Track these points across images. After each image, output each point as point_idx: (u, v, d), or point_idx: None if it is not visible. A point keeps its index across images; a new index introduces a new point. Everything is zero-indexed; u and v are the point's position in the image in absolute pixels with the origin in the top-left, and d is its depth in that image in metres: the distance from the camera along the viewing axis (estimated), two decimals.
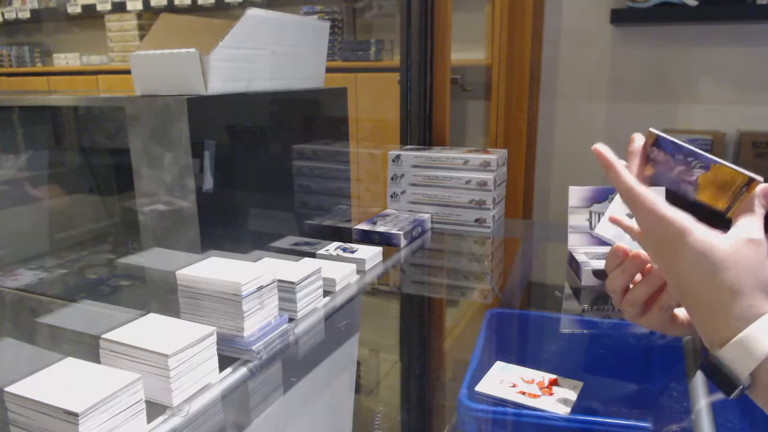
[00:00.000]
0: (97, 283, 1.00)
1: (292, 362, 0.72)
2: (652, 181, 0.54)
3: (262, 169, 1.00)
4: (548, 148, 2.38)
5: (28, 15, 3.83)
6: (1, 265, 1.05)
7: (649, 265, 0.57)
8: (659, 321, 0.58)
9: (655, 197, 0.50)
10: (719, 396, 0.64)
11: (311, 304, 0.80)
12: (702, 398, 0.61)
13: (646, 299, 0.57)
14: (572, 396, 0.64)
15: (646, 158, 0.54)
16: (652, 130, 0.53)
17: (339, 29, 2.93)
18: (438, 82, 1.54)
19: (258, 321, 0.68)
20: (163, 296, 0.84)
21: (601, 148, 0.53)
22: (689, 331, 0.61)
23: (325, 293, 0.85)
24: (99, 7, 3.54)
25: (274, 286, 0.70)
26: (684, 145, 0.53)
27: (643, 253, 0.56)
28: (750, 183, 0.50)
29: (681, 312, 0.60)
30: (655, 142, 0.53)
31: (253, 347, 0.67)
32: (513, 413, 0.62)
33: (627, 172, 0.52)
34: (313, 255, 0.98)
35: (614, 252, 0.58)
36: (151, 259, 0.89)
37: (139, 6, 3.43)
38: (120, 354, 0.60)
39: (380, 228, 1.14)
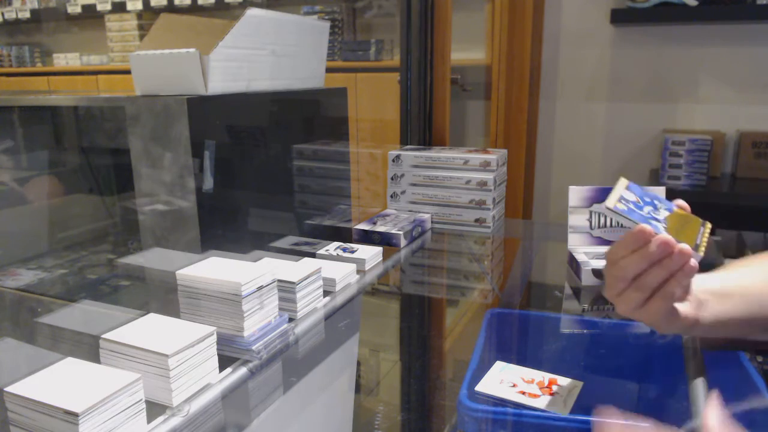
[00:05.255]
0: (97, 283, 1.00)
1: (292, 362, 0.72)
2: (622, 213, 0.60)
3: (262, 169, 1.00)
4: (548, 148, 2.38)
5: (28, 15, 3.83)
6: (1, 265, 1.05)
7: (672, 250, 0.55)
8: (658, 314, 0.57)
9: None
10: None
11: (311, 304, 0.80)
12: (702, 398, 0.61)
13: (656, 286, 0.55)
14: (572, 396, 0.64)
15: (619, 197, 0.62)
16: (623, 179, 0.66)
17: (339, 29, 2.93)
18: (438, 82, 1.54)
19: (258, 321, 0.68)
20: (163, 296, 0.84)
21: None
22: (685, 328, 0.60)
23: (325, 293, 0.85)
24: (99, 7, 3.54)
25: (274, 286, 0.70)
26: (649, 191, 0.66)
27: (671, 239, 0.55)
28: (704, 224, 0.63)
29: (682, 306, 0.58)
30: (627, 187, 0.65)
31: (253, 347, 0.67)
32: (513, 413, 0.62)
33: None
34: (313, 255, 0.98)
35: (638, 234, 0.55)
36: (151, 259, 0.89)
37: (139, 6, 3.43)
38: (120, 354, 0.60)
39: (380, 228, 1.14)
